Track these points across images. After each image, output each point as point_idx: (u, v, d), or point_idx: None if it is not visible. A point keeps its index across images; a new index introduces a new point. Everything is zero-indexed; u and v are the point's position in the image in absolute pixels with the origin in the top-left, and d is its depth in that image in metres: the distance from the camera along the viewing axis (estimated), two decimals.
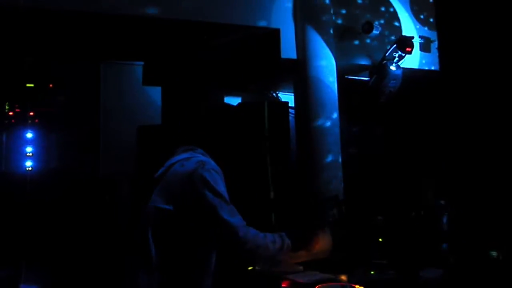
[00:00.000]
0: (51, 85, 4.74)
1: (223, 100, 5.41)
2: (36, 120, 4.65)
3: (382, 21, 4.84)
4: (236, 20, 4.13)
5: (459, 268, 1.39)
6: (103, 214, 4.44)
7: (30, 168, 4.51)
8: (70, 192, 4.44)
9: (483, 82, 1.41)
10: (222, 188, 1.78)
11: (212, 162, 1.83)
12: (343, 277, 2.49)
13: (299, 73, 4.38)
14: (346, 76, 4.79)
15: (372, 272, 2.58)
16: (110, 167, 4.71)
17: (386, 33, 4.86)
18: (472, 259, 1.34)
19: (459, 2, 1.47)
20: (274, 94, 5.41)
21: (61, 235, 4.23)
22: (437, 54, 4.59)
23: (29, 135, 4.58)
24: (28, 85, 4.51)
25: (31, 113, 4.63)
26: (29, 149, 4.53)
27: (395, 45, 4.57)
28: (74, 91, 4.80)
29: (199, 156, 1.85)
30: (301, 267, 2.62)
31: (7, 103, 4.60)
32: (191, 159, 1.82)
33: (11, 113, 4.63)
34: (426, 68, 5.04)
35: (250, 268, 2.80)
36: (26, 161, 4.51)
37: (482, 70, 1.41)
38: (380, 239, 3.02)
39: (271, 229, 4.09)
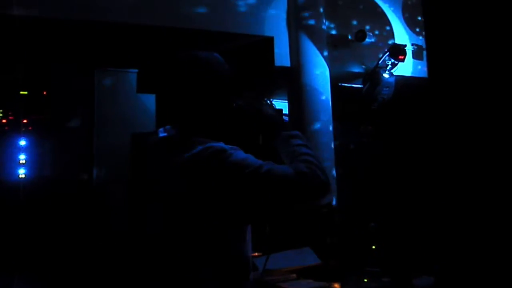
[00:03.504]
0: (44, 93, 4.73)
1: None
2: (30, 128, 4.63)
3: (375, 29, 4.88)
4: (229, 28, 4.15)
5: (447, 275, 1.40)
6: (97, 221, 4.42)
7: (23, 176, 4.49)
8: (63, 200, 4.42)
9: (473, 88, 1.43)
10: None
11: None
12: (337, 285, 2.49)
13: (292, 81, 4.40)
14: (339, 84, 4.83)
15: (365, 280, 2.59)
16: (104, 174, 4.70)
17: (379, 40, 4.90)
18: (460, 266, 1.35)
19: (447, 8, 1.49)
20: (268, 102, 5.43)
21: (55, 243, 4.20)
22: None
23: (23, 142, 4.55)
24: (21, 92, 4.50)
25: (25, 121, 4.61)
26: (22, 156, 4.51)
27: (387, 53, 4.61)
28: (68, 98, 4.79)
29: None
30: (294, 275, 2.63)
31: (0, 111, 4.58)
32: None
33: (4, 121, 4.61)
34: (419, 76, 5.08)
35: None
36: (19, 168, 4.48)
37: (472, 76, 1.43)
38: (374, 246, 3.03)
39: (264, 236, 4.09)
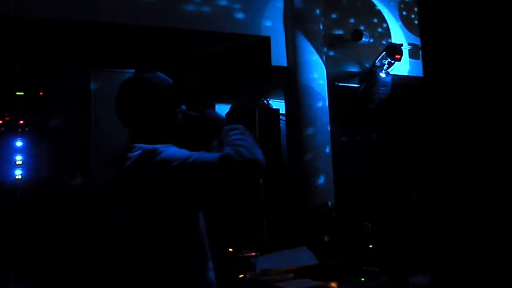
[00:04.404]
0: (41, 93, 4.72)
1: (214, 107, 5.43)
2: (26, 129, 4.61)
3: (372, 29, 4.89)
4: (226, 28, 4.15)
5: (443, 274, 1.40)
6: (94, 223, 4.41)
7: (19, 177, 4.47)
8: (60, 201, 4.41)
9: (467, 87, 1.43)
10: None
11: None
12: (334, 285, 2.50)
13: (289, 80, 4.41)
14: (336, 83, 4.83)
15: (362, 279, 2.59)
16: (101, 175, 4.69)
17: (376, 40, 4.91)
18: (456, 265, 1.35)
19: (443, 8, 1.50)
20: (265, 101, 5.44)
21: (51, 245, 4.19)
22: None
23: (19, 143, 4.53)
24: (18, 93, 4.49)
25: (21, 122, 4.59)
26: (18, 157, 4.49)
27: (384, 53, 4.61)
28: (65, 99, 4.78)
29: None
30: (291, 275, 2.63)
31: None
32: None
33: (0, 122, 4.59)
34: (416, 75, 5.09)
35: (241, 276, 2.80)
36: (16, 169, 4.47)
37: (467, 75, 1.43)
38: (371, 246, 3.03)
39: (262, 235, 4.10)
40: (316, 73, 4.37)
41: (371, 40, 4.79)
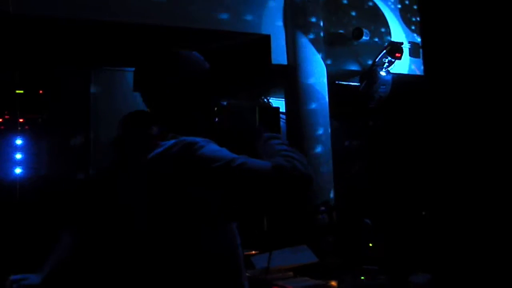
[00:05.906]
0: (41, 92, 4.71)
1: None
2: (26, 127, 4.61)
3: (372, 27, 4.87)
4: (226, 27, 4.15)
5: (443, 272, 1.39)
6: (95, 222, 4.40)
7: (19, 175, 4.47)
8: (60, 200, 4.40)
9: (467, 85, 1.43)
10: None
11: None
12: (333, 283, 2.49)
13: (289, 79, 4.40)
14: (336, 82, 4.83)
15: (362, 278, 2.59)
16: (101, 173, 4.68)
17: (376, 39, 4.90)
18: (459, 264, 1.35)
19: (443, 9, 1.50)
20: (265, 100, 5.43)
21: (51, 244, 4.19)
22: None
23: (19, 141, 4.53)
24: (17, 91, 4.48)
25: (21, 120, 4.59)
26: (18, 156, 4.49)
27: (384, 51, 4.61)
28: (64, 97, 4.77)
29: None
30: (291, 273, 2.63)
31: None
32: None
33: (0, 120, 4.59)
34: (416, 74, 5.08)
35: None
36: (16, 167, 4.47)
37: (466, 74, 1.43)
38: (371, 244, 3.03)
39: (262, 235, 4.10)
40: (317, 71, 4.37)
41: (371, 38, 4.78)
